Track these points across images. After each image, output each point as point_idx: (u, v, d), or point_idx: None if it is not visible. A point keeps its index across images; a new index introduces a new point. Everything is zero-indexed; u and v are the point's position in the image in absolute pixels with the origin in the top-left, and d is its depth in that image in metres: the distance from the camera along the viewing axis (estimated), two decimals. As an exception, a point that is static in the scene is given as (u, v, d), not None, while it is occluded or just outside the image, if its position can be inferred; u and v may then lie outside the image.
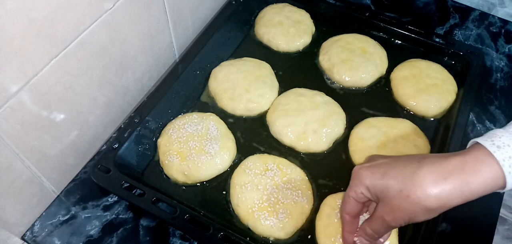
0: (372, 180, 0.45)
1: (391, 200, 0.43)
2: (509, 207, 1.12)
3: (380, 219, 0.45)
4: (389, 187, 0.43)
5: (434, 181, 0.41)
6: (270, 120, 0.69)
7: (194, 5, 0.79)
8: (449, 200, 0.41)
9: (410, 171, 0.42)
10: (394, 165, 0.44)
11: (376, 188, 0.44)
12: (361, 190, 0.46)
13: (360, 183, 0.46)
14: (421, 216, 0.42)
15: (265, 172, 0.62)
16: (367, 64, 0.75)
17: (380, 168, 0.45)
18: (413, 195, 0.41)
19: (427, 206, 0.41)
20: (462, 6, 0.88)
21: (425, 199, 0.41)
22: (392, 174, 0.43)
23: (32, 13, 0.49)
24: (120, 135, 0.64)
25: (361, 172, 0.46)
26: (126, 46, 0.66)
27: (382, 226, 0.45)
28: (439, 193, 0.40)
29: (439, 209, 0.41)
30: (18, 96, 0.52)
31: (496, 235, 0.81)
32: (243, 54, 0.79)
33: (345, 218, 0.49)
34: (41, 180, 0.60)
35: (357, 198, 0.47)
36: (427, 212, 0.42)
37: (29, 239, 0.59)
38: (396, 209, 0.43)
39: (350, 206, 0.48)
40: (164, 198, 0.59)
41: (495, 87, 0.76)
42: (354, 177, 0.47)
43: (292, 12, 0.84)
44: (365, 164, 0.47)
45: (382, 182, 0.44)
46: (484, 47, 0.82)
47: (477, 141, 0.42)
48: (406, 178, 0.42)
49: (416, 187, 0.41)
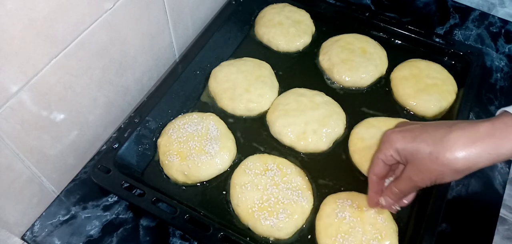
0: (403, 143, 0.47)
1: (420, 162, 0.45)
2: (509, 207, 1.12)
3: (408, 179, 0.47)
4: (419, 150, 0.45)
5: (464, 144, 0.43)
6: (270, 120, 0.69)
7: (194, 5, 0.79)
8: (476, 162, 0.43)
9: (440, 134, 0.44)
10: (425, 129, 0.46)
11: (406, 151, 0.46)
12: (390, 153, 0.48)
13: (390, 146, 0.48)
14: (448, 177, 0.44)
15: (265, 172, 0.62)
16: (367, 64, 0.75)
17: (411, 132, 0.47)
18: (443, 157, 0.43)
19: (455, 168, 0.43)
20: (462, 6, 0.88)
21: (454, 160, 0.43)
22: (423, 137, 0.45)
23: (32, 13, 0.49)
24: (120, 135, 0.64)
25: (392, 136, 0.48)
26: (126, 46, 0.66)
27: (408, 186, 0.48)
28: (468, 155, 0.43)
29: (467, 170, 0.44)
30: (18, 96, 0.52)
31: (496, 235, 0.81)
32: (243, 54, 0.79)
33: (372, 178, 0.52)
34: (41, 180, 0.60)
35: (386, 160, 0.49)
36: (455, 173, 0.44)
37: (29, 239, 0.59)
38: (424, 170, 0.45)
39: (378, 168, 0.50)
40: (164, 198, 0.59)
41: (495, 87, 0.76)
42: (385, 140, 0.49)
43: (292, 12, 0.84)
44: (396, 129, 0.49)
45: (413, 145, 0.46)
46: (484, 47, 0.82)
47: (506, 109, 0.44)
48: (436, 141, 0.44)
49: (446, 149, 0.43)
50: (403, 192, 0.50)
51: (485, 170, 0.64)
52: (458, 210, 0.61)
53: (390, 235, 0.56)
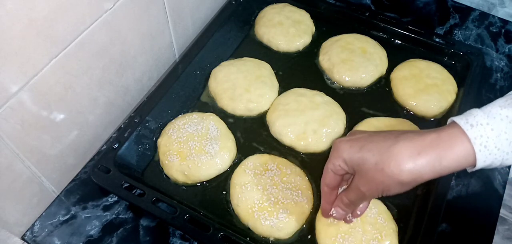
0: (349, 153, 0.46)
1: (366, 173, 0.44)
2: (509, 207, 1.12)
3: (356, 189, 0.47)
4: (365, 160, 0.44)
5: (408, 156, 0.42)
6: (270, 120, 0.69)
7: (194, 5, 0.79)
8: (421, 174, 0.42)
9: (386, 145, 0.43)
10: (372, 140, 0.45)
11: (353, 161, 0.46)
12: (338, 163, 0.47)
13: (338, 156, 0.47)
14: (394, 189, 0.44)
15: (265, 172, 0.62)
16: (367, 64, 0.75)
17: (358, 142, 0.46)
18: (387, 169, 0.42)
19: (400, 180, 0.42)
20: (462, 6, 0.88)
21: (398, 173, 0.42)
22: (369, 147, 0.45)
23: (32, 13, 0.49)
24: (120, 135, 0.64)
25: (340, 145, 0.47)
26: (126, 46, 0.66)
27: (357, 196, 0.47)
28: (412, 168, 0.42)
29: (412, 182, 0.43)
30: (18, 96, 0.52)
31: (496, 235, 0.81)
32: (243, 54, 0.79)
33: (324, 189, 0.51)
34: (41, 180, 0.60)
35: (335, 170, 0.48)
36: (400, 185, 0.43)
37: (29, 239, 0.59)
38: (371, 181, 0.44)
39: (329, 178, 0.49)
40: (164, 198, 0.59)
41: (495, 87, 0.76)
42: (333, 150, 0.48)
43: (292, 12, 0.84)
44: (345, 138, 0.48)
45: (359, 155, 0.45)
46: (484, 47, 0.82)
47: (454, 120, 0.43)
48: (382, 152, 0.43)
49: (390, 160, 0.42)
50: (353, 202, 0.49)
51: (485, 170, 0.64)
52: (458, 210, 0.61)
53: (390, 235, 0.56)
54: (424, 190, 0.62)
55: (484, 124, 0.41)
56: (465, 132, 0.41)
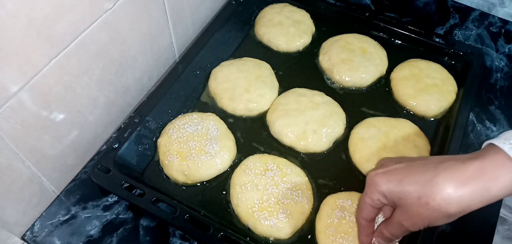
0: (388, 187, 0.44)
1: (410, 207, 0.43)
2: (509, 207, 1.12)
3: (398, 224, 0.45)
4: (407, 194, 0.43)
5: (454, 188, 0.41)
6: (270, 120, 0.69)
7: (194, 5, 0.79)
8: (469, 206, 0.41)
9: (427, 177, 0.42)
10: (411, 171, 0.44)
11: (393, 195, 0.44)
12: (377, 197, 0.46)
13: (376, 190, 0.46)
14: (440, 221, 0.42)
15: (265, 172, 0.62)
16: (367, 64, 0.75)
17: (396, 175, 0.44)
18: (433, 202, 0.41)
19: (447, 212, 0.41)
20: (462, 6, 0.88)
21: (445, 206, 0.41)
22: (409, 181, 0.43)
23: (32, 13, 0.49)
24: (120, 135, 0.64)
25: (377, 179, 0.45)
26: (126, 46, 0.66)
27: (400, 230, 0.46)
28: (459, 200, 0.41)
29: (459, 214, 0.42)
30: (18, 96, 0.52)
31: (496, 235, 0.81)
32: (243, 54, 0.79)
33: (361, 223, 0.50)
34: (41, 180, 0.60)
35: (373, 204, 0.47)
36: (447, 217, 0.42)
37: (29, 239, 0.59)
38: (415, 215, 0.43)
39: (366, 212, 0.48)
40: (164, 198, 0.59)
41: (495, 87, 0.76)
42: (370, 184, 0.46)
43: (292, 12, 0.84)
44: (380, 170, 0.46)
45: (399, 189, 0.44)
46: (484, 47, 0.82)
47: (493, 144, 0.42)
48: (424, 185, 0.42)
49: (435, 194, 0.41)
50: (394, 235, 0.47)
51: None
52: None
53: (390, 235, 0.56)
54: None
55: None
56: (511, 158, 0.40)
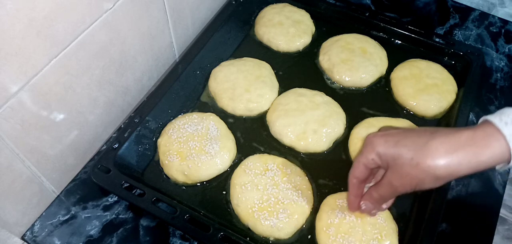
0: (384, 148, 0.47)
1: (401, 167, 0.45)
2: (509, 207, 1.12)
3: (388, 184, 0.47)
4: (401, 155, 0.45)
5: (445, 152, 0.43)
6: (270, 120, 0.69)
7: (194, 5, 0.79)
8: (457, 170, 0.43)
9: (422, 141, 0.44)
10: (407, 135, 0.46)
11: (387, 155, 0.46)
12: (372, 157, 0.48)
13: (372, 150, 0.48)
14: (428, 183, 0.45)
15: (265, 172, 0.62)
16: (367, 64, 0.75)
17: (393, 137, 0.47)
18: (423, 164, 0.43)
19: (436, 174, 0.43)
20: (462, 6, 0.88)
21: (434, 167, 0.43)
22: (405, 143, 0.45)
23: (32, 13, 0.49)
24: (120, 135, 0.64)
25: (375, 140, 0.48)
26: (126, 46, 0.66)
27: (389, 191, 0.48)
28: (449, 163, 0.43)
29: (447, 177, 0.44)
30: (18, 96, 0.52)
31: (496, 235, 0.81)
32: (243, 54, 0.79)
33: (352, 182, 0.51)
34: (41, 180, 0.60)
35: (367, 163, 0.49)
36: (435, 179, 0.44)
37: (29, 239, 0.59)
38: (405, 175, 0.45)
39: (359, 171, 0.50)
40: (164, 198, 0.59)
41: (495, 87, 0.76)
42: (367, 144, 0.48)
43: (292, 12, 0.84)
44: (378, 133, 0.49)
45: (394, 149, 0.46)
46: (484, 47, 0.82)
47: (487, 119, 0.44)
48: (418, 148, 0.44)
49: (426, 156, 0.43)
50: (383, 197, 0.49)
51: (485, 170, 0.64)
52: (458, 210, 0.61)
53: (390, 235, 0.56)
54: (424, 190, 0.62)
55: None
56: (500, 130, 0.42)
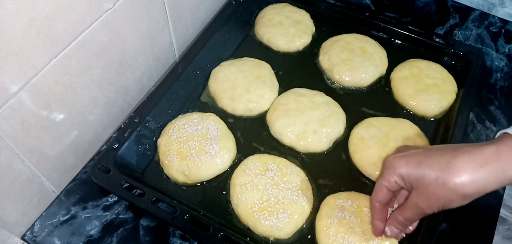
0: (407, 169, 0.46)
1: (427, 188, 0.44)
2: (509, 207, 1.12)
3: (414, 206, 0.46)
4: (425, 176, 0.44)
5: (472, 169, 0.42)
6: (270, 120, 0.69)
7: (194, 5, 0.79)
8: (484, 187, 0.42)
9: (446, 160, 0.44)
10: (429, 154, 0.45)
11: (411, 177, 0.46)
12: (394, 179, 0.47)
13: (394, 173, 0.47)
14: (456, 202, 0.44)
15: (265, 172, 0.62)
16: (367, 64, 0.75)
17: (415, 157, 0.46)
18: (450, 183, 0.43)
19: (464, 193, 0.43)
20: (462, 6, 0.88)
21: (461, 186, 0.42)
22: (428, 163, 0.44)
23: (32, 13, 0.49)
24: (120, 135, 0.64)
25: (395, 162, 0.47)
26: (126, 46, 0.66)
27: (415, 213, 0.47)
28: (476, 180, 0.42)
29: (475, 195, 0.43)
30: (18, 96, 0.52)
31: (496, 235, 0.81)
32: (243, 54, 0.79)
33: (375, 206, 0.51)
34: (41, 180, 0.60)
35: (390, 187, 0.48)
36: (463, 198, 0.43)
37: (29, 239, 0.59)
38: (431, 196, 0.44)
39: (382, 195, 0.49)
40: (164, 198, 0.59)
41: (495, 87, 0.76)
42: (388, 166, 0.48)
43: (292, 12, 0.84)
44: (398, 154, 0.48)
45: (418, 171, 0.45)
46: (484, 47, 0.82)
47: (508, 132, 0.44)
48: (442, 167, 0.43)
49: (452, 174, 0.43)
50: (409, 219, 0.48)
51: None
52: (458, 210, 0.61)
53: (390, 235, 0.56)
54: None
55: None
56: None
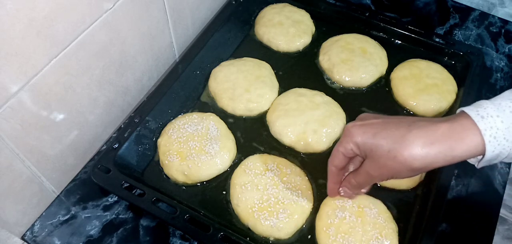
0: (363, 138, 0.48)
1: (378, 158, 0.47)
2: (509, 207, 1.12)
3: (366, 173, 0.49)
4: (378, 147, 0.46)
5: (422, 145, 0.44)
6: (270, 120, 0.69)
7: (194, 5, 0.79)
8: (432, 163, 0.44)
9: (400, 133, 0.45)
10: (385, 127, 0.47)
11: (365, 146, 0.48)
12: (350, 147, 0.49)
13: (351, 140, 0.49)
14: (405, 174, 0.46)
15: (265, 172, 0.62)
16: (367, 64, 0.75)
17: (372, 128, 0.48)
18: (400, 157, 0.45)
19: (412, 167, 0.45)
20: (462, 6, 0.88)
21: (411, 161, 0.44)
22: (383, 135, 0.46)
23: (32, 13, 0.49)
24: (120, 135, 0.64)
25: (353, 130, 0.49)
26: (126, 46, 0.66)
27: (366, 179, 0.50)
28: (425, 157, 0.44)
29: (422, 169, 0.45)
30: (18, 96, 0.52)
31: (496, 235, 0.81)
32: (243, 54, 0.79)
33: (332, 170, 0.53)
34: (41, 180, 0.60)
35: (346, 152, 0.50)
36: (411, 171, 0.45)
37: (29, 239, 0.59)
38: (382, 166, 0.47)
39: (338, 159, 0.51)
40: (164, 198, 0.59)
41: (495, 87, 0.76)
42: (346, 134, 0.50)
43: (292, 12, 0.84)
44: (357, 122, 0.50)
45: (372, 141, 0.47)
46: (484, 47, 0.82)
47: (464, 110, 0.45)
48: (395, 140, 0.45)
49: (403, 149, 0.44)
50: (361, 184, 0.52)
51: (485, 170, 0.64)
52: (458, 210, 0.61)
53: (390, 235, 0.56)
54: (424, 190, 0.62)
55: (494, 116, 0.43)
56: (476, 124, 0.43)
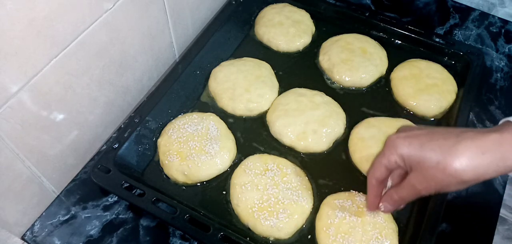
0: (409, 150, 0.45)
1: (426, 171, 0.44)
2: (509, 207, 1.12)
3: (411, 187, 0.46)
4: (426, 159, 0.44)
5: (473, 155, 0.42)
6: (270, 120, 0.69)
7: (194, 5, 0.79)
8: (484, 173, 0.42)
9: (449, 144, 0.43)
10: (432, 137, 0.45)
11: (412, 159, 0.45)
12: (395, 159, 0.46)
13: (395, 152, 0.46)
14: (453, 187, 0.44)
15: (265, 172, 0.62)
16: (367, 64, 0.75)
17: (418, 139, 0.45)
18: (450, 168, 0.42)
19: (462, 179, 0.42)
20: (462, 6, 0.88)
21: (461, 172, 0.42)
22: (431, 146, 0.44)
23: (32, 13, 0.49)
24: (120, 135, 0.64)
25: (398, 141, 0.46)
26: (126, 46, 0.66)
27: (411, 193, 0.47)
28: (476, 167, 0.42)
29: (473, 181, 0.43)
30: (18, 96, 0.52)
31: (496, 235, 0.81)
32: (243, 54, 0.79)
33: (372, 182, 0.50)
34: (41, 180, 0.60)
35: (389, 165, 0.47)
36: (461, 183, 0.43)
37: (29, 239, 0.59)
38: (430, 179, 0.44)
39: (380, 172, 0.49)
40: (164, 198, 0.59)
41: (495, 87, 0.76)
42: (389, 145, 0.47)
43: (292, 12, 0.84)
44: (401, 134, 0.47)
45: (420, 153, 0.44)
46: (484, 47, 0.82)
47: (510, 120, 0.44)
48: (444, 151, 0.43)
49: (453, 160, 0.42)
50: (404, 199, 0.48)
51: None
52: (458, 210, 0.61)
53: (390, 235, 0.56)
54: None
55: None
56: None
